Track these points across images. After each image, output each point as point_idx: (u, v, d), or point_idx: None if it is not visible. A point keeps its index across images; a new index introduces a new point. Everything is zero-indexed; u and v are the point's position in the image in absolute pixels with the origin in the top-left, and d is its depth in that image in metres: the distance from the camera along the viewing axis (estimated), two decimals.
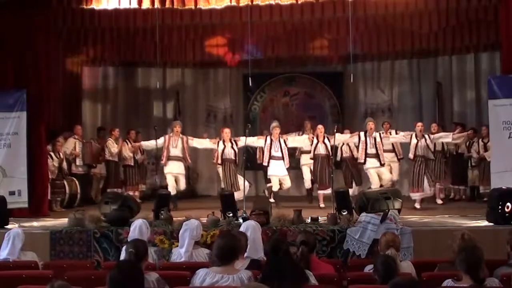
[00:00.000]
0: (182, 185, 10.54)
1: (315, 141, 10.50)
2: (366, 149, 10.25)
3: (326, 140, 10.43)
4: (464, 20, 10.52)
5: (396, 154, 11.06)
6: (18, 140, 9.20)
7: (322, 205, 10.19)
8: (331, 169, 9.98)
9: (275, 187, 10.40)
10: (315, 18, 10.30)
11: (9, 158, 9.19)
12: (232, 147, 10.32)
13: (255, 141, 10.51)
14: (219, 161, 10.36)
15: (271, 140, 10.31)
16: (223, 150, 10.29)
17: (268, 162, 10.31)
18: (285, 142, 10.35)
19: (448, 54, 12.92)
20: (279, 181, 10.39)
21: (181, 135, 10.48)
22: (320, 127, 10.61)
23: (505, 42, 9.31)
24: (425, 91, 13.53)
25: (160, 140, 10.45)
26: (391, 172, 10.88)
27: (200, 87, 14.24)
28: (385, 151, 10.78)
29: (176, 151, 10.32)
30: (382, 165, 10.33)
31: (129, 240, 5.55)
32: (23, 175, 9.18)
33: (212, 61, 12.82)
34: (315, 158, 10.52)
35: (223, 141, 10.38)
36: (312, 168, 10.68)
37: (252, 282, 4.09)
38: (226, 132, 10.49)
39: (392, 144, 10.96)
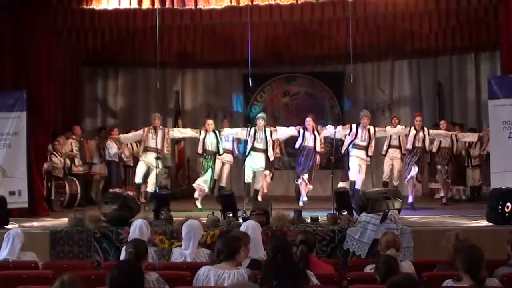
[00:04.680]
0: (152, 176, 10.14)
1: (301, 132, 10.15)
2: (354, 140, 10.04)
3: (315, 133, 10.15)
4: (464, 20, 10.54)
5: (401, 151, 10.83)
6: (18, 140, 9.19)
7: (305, 199, 10.04)
8: (315, 162, 10.02)
9: (248, 179, 10.11)
10: (315, 18, 10.31)
11: (9, 158, 9.18)
12: (216, 137, 10.28)
13: (239, 133, 10.40)
14: (200, 151, 10.33)
15: (255, 131, 10.11)
16: (204, 139, 10.26)
17: (248, 154, 10.06)
18: (271, 134, 10.16)
19: (448, 54, 12.93)
20: (253, 173, 10.20)
21: (161, 127, 10.36)
22: (308, 120, 10.23)
23: (505, 42, 9.32)
24: (425, 91, 13.53)
25: (139, 132, 10.43)
26: (392, 169, 10.84)
27: (200, 87, 14.25)
28: (391, 146, 10.84)
29: (154, 142, 10.08)
30: (368, 156, 10.15)
31: (129, 240, 5.56)
32: (23, 175, 9.17)
33: (212, 61, 12.82)
34: (301, 149, 10.20)
35: (206, 131, 10.34)
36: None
37: (241, 281, 4.16)
38: (209, 123, 10.49)
39: (399, 140, 10.83)
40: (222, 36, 11.54)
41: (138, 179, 10.31)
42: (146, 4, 9.38)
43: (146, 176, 10.36)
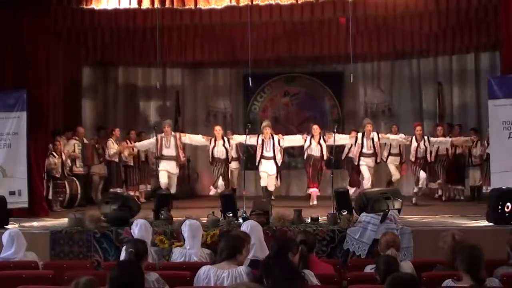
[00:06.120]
0: (173, 185, 10.46)
1: (307, 142, 10.39)
2: (361, 150, 10.39)
3: (321, 141, 10.34)
4: (464, 20, 10.54)
5: (401, 158, 11.22)
6: (18, 140, 9.19)
7: (314, 202, 10.30)
8: (322, 171, 10.25)
9: (264, 182, 10.39)
10: (315, 18, 10.30)
11: (9, 158, 9.18)
12: (223, 145, 10.34)
13: (247, 140, 10.33)
14: (210, 159, 10.43)
15: (262, 140, 10.25)
16: (213, 148, 10.31)
17: (259, 162, 10.29)
18: (279, 142, 10.29)
19: (448, 54, 12.93)
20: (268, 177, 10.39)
21: (173, 133, 10.48)
22: (315, 127, 10.50)
23: (505, 42, 9.32)
24: (425, 91, 13.53)
25: (153, 140, 10.51)
26: (395, 171, 11.19)
27: (200, 87, 14.25)
28: (392, 154, 11.17)
29: (169, 150, 10.30)
30: (377, 163, 10.59)
31: (134, 237, 5.58)
32: (23, 175, 9.17)
33: (212, 61, 12.82)
34: (308, 158, 10.47)
35: (215, 139, 10.39)
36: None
37: (241, 280, 4.19)
38: (217, 129, 10.53)
39: (400, 149, 11.14)
40: (222, 36, 11.54)
41: (163, 186, 10.23)
42: (146, 4, 9.38)
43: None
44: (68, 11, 9.85)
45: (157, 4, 9.33)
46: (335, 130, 10.20)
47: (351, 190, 10.24)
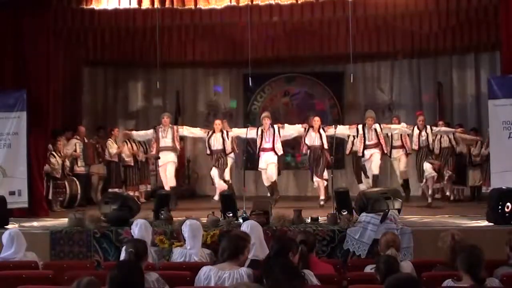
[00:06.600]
0: (170, 171, 10.34)
1: (307, 131, 10.28)
2: (364, 142, 10.24)
3: (321, 131, 10.23)
4: (464, 20, 10.55)
5: (405, 149, 11.00)
6: (18, 140, 9.19)
7: (322, 202, 10.09)
8: (326, 159, 10.08)
9: (266, 182, 10.33)
10: (315, 18, 10.31)
11: (9, 158, 9.17)
12: (222, 136, 10.30)
13: (248, 132, 10.29)
14: (208, 152, 10.42)
15: (262, 131, 10.19)
16: (209, 139, 10.30)
17: (259, 156, 10.25)
18: (278, 131, 10.21)
19: (448, 54, 12.93)
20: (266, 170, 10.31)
21: (170, 125, 10.46)
22: (316, 119, 10.38)
23: (505, 42, 9.32)
24: (425, 91, 13.53)
25: (150, 131, 10.51)
26: (399, 165, 11.07)
27: (200, 87, 14.25)
28: (394, 147, 11.01)
29: (167, 141, 10.28)
30: (384, 154, 10.39)
31: (134, 237, 5.58)
32: (23, 175, 9.17)
33: (212, 61, 12.83)
34: (309, 148, 10.34)
35: (213, 131, 10.38)
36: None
37: (241, 281, 4.17)
38: (217, 123, 10.50)
39: (401, 140, 10.99)
40: (222, 36, 11.54)
41: (166, 187, 10.26)
42: (146, 4, 9.39)
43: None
44: (68, 11, 9.87)
45: (157, 4, 9.34)
46: (335, 130, 10.17)
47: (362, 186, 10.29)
